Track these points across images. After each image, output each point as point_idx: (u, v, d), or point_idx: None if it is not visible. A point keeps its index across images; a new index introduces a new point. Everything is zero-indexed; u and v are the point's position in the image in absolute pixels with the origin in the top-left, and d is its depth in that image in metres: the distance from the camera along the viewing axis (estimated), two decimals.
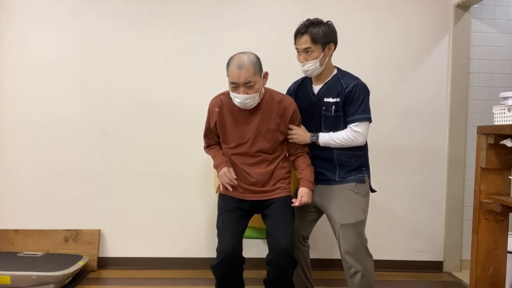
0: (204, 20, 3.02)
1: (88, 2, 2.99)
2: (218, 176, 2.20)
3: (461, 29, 3.05)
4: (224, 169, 2.13)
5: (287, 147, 2.22)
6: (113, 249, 3.07)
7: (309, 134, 2.17)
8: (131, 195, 3.05)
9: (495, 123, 2.01)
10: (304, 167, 2.15)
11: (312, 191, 2.14)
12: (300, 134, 2.17)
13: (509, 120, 1.92)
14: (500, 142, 1.92)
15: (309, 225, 2.30)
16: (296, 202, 2.07)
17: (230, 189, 2.14)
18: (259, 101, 2.09)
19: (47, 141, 3.02)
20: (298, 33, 2.13)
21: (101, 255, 3.05)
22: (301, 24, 2.14)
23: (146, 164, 3.04)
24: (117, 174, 3.04)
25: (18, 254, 2.87)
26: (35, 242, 3.00)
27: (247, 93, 2.00)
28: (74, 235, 3.03)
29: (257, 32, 3.00)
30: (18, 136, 3.02)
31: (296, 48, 2.16)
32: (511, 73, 3.11)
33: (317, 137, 2.16)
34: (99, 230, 3.05)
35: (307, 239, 2.33)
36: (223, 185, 2.17)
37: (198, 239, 3.07)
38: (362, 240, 2.11)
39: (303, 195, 2.08)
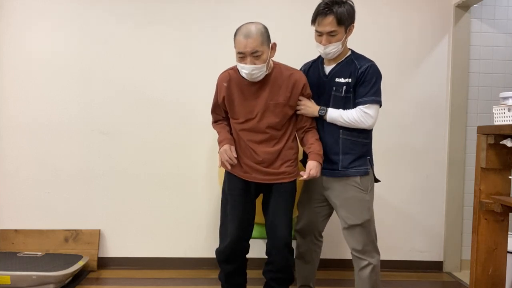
0: (205, 20, 3.02)
1: (88, 2, 2.99)
2: (219, 152, 2.15)
3: (461, 29, 3.05)
4: (226, 146, 2.10)
5: (296, 122, 2.16)
6: (113, 249, 3.07)
7: (318, 107, 2.10)
8: (131, 195, 3.05)
9: (495, 123, 2.01)
10: (313, 141, 2.10)
11: (321, 164, 2.08)
12: (309, 106, 2.10)
13: (509, 120, 1.92)
14: (500, 142, 1.92)
15: (324, 220, 2.29)
16: (304, 175, 2.01)
17: (229, 167, 2.11)
18: (267, 73, 2.04)
19: (47, 141, 3.02)
20: (321, 14, 1.98)
21: (101, 255, 3.05)
22: (323, 4, 1.99)
23: (146, 164, 3.04)
24: (117, 174, 3.04)
25: (18, 254, 2.86)
26: (35, 242, 3.00)
27: (254, 64, 1.95)
28: (74, 235, 3.03)
29: None
30: (18, 136, 3.02)
31: (317, 31, 2.02)
32: (511, 73, 3.11)
33: (326, 111, 2.08)
34: (99, 230, 3.05)
35: (322, 233, 2.34)
36: (222, 161, 2.14)
37: (198, 239, 3.07)
38: (370, 237, 2.11)
39: (311, 168, 2.03)
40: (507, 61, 3.10)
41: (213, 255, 2.23)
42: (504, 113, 1.95)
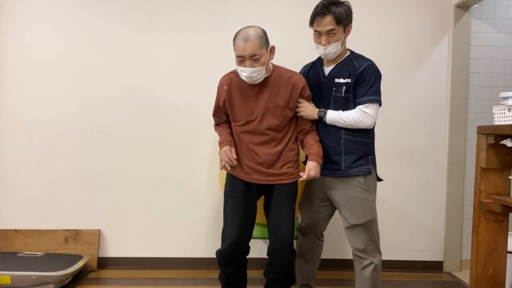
0: (204, 20, 3.02)
1: (88, 2, 2.99)
2: (219, 153, 2.17)
3: (461, 29, 3.05)
4: (225, 148, 2.12)
5: (296, 124, 2.18)
6: (113, 249, 3.07)
7: (317, 109, 2.12)
8: (131, 195, 3.05)
9: (495, 123, 2.01)
10: (313, 143, 2.11)
11: (321, 165, 2.09)
12: (308, 108, 2.12)
13: (509, 120, 1.92)
14: (500, 142, 1.92)
15: (325, 220, 2.29)
16: (303, 176, 2.03)
17: (229, 168, 2.13)
18: (266, 75, 2.07)
19: (47, 141, 3.02)
20: (319, 14, 2.01)
21: (101, 255, 3.05)
22: (321, 4, 2.02)
23: (146, 164, 3.04)
24: (117, 174, 3.04)
25: (18, 254, 2.86)
26: (35, 242, 3.00)
27: (253, 66, 1.99)
28: (74, 235, 3.03)
29: None
30: (18, 136, 3.02)
31: (316, 31, 2.05)
32: (511, 73, 3.11)
33: (325, 113, 2.10)
34: (99, 230, 3.05)
35: (323, 232, 2.34)
36: (222, 163, 2.15)
37: (198, 239, 3.07)
38: (372, 237, 2.11)
39: (311, 168, 2.04)
40: (507, 61, 3.11)
41: (213, 255, 2.23)
42: (504, 113, 1.95)
